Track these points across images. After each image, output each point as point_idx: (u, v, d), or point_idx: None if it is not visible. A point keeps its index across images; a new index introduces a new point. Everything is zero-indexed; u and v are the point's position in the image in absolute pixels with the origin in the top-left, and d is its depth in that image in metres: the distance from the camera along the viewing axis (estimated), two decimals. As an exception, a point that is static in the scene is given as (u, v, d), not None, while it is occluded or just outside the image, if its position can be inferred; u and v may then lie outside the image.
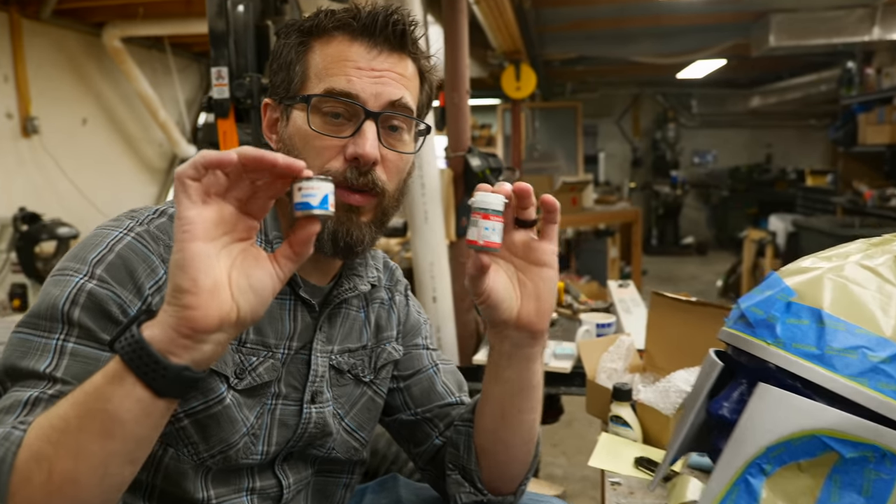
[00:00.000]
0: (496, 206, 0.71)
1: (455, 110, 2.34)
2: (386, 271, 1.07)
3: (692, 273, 8.36)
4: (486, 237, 0.71)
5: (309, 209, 0.59)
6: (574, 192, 6.05)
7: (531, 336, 0.80)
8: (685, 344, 1.43)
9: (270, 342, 0.86)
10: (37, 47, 4.47)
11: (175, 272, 0.55)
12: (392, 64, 0.83)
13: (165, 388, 0.56)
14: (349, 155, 0.81)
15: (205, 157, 0.55)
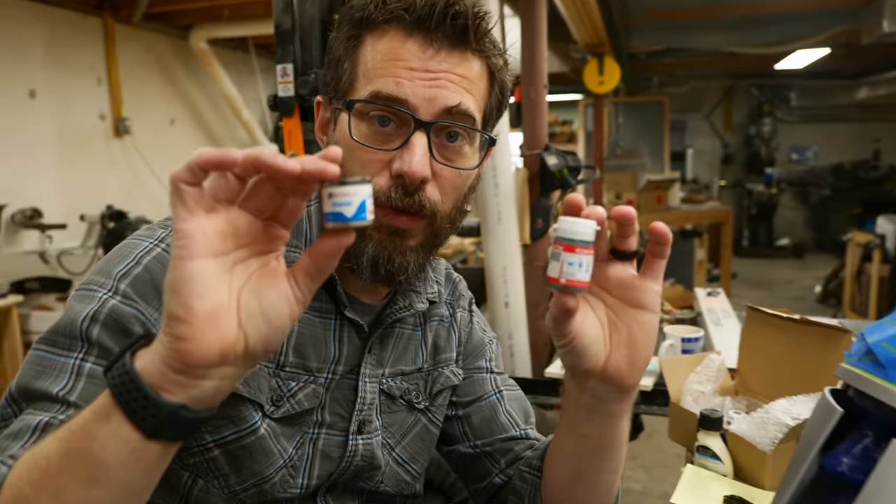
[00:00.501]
0: (585, 237, 0.56)
1: (532, 105, 2.22)
2: (448, 284, 0.97)
3: (787, 277, 7.85)
4: (570, 275, 0.57)
5: (343, 221, 0.48)
6: (659, 190, 5.78)
7: (619, 391, 0.65)
8: (785, 367, 1.26)
9: (312, 366, 0.78)
10: (128, 50, 4.66)
11: (167, 296, 0.47)
12: (452, 64, 0.71)
13: (156, 428, 0.47)
14: (395, 171, 0.71)
15: (201, 156, 0.45)
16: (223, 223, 0.47)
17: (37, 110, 3.99)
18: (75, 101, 4.26)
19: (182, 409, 0.47)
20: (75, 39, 4.27)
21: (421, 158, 0.70)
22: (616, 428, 0.69)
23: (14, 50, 3.83)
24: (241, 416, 0.73)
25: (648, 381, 1.70)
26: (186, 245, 0.46)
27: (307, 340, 0.78)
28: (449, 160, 0.74)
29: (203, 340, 0.46)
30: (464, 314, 0.97)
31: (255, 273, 0.50)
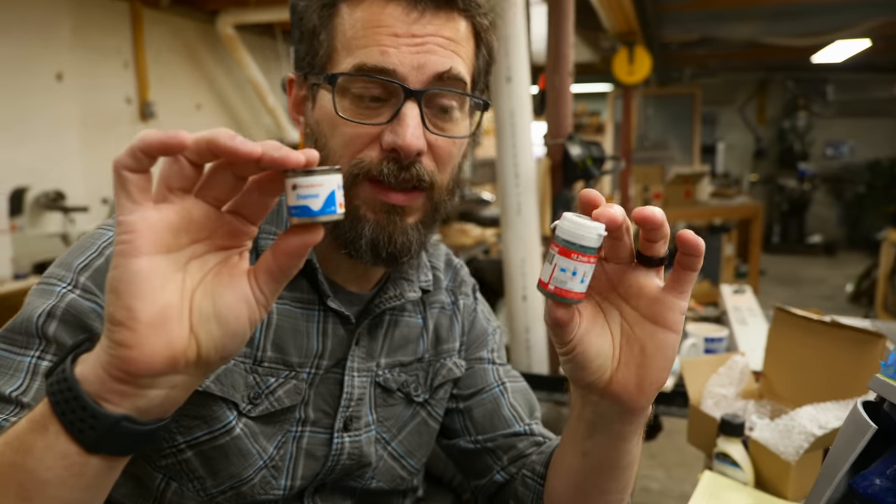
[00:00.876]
0: (585, 242, 0.47)
1: (556, 93, 2.15)
2: (448, 270, 0.92)
3: (818, 275, 7.66)
4: (560, 282, 0.48)
5: (309, 216, 0.43)
6: (688, 184, 5.66)
7: (625, 412, 0.57)
8: (814, 372, 1.20)
9: (293, 360, 0.74)
10: (155, 35, 4.67)
11: (107, 297, 0.41)
12: (438, 26, 0.67)
13: (96, 442, 0.42)
14: (387, 145, 0.66)
15: (144, 139, 0.40)
16: (175, 215, 0.42)
17: (63, 93, 4.02)
18: (102, 84, 4.29)
19: (125, 421, 0.43)
20: (103, 22, 4.29)
21: (415, 130, 0.66)
22: (620, 450, 0.61)
23: (41, 32, 3.86)
24: (214, 415, 0.69)
25: (668, 381, 1.64)
26: (130, 240, 0.41)
27: (287, 333, 0.74)
28: (442, 129, 0.70)
29: (147, 347, 0.41)
30: (467, 301, 0.92)
31: (213, 271, 0.45)
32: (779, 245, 9.18)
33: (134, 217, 0.41)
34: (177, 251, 0.43)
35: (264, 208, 0.46)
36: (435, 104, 0.69)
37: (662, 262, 0.53)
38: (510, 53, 1.96)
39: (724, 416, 1.10)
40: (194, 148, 0.41)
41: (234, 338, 0.45)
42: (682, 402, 1.59)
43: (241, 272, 0.45)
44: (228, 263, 0.46)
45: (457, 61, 0.68)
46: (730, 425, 1.09)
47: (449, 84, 0.68)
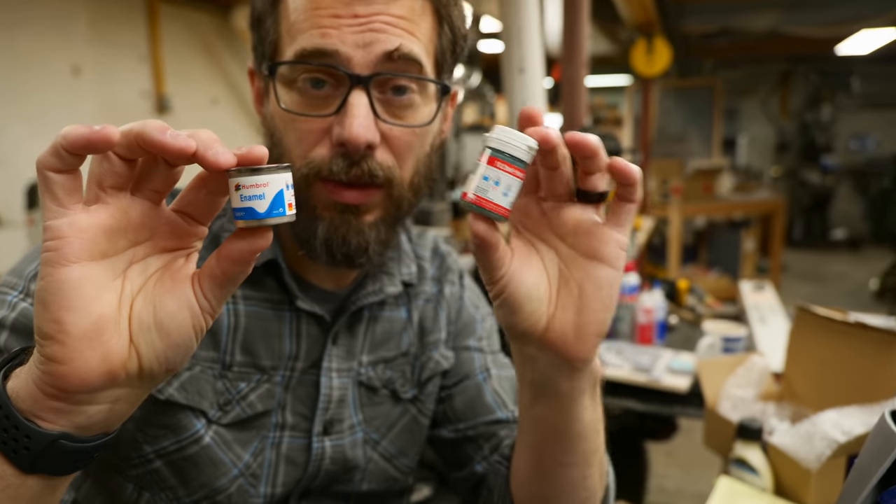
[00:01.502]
0: (513, 151, 0.44)
1: (570, 84, 2.11)
2: (435, 259, 0.87)
3: (841, 271, 7.52)
4: (482, 191, 0.44)
5: (255, 218, 0.39)
6: (707, 178, 5.57)
7: (565, 364, 0.51)
8: (837, 374, 1.15)
9: (264, 364, 0.70)
10: (171, 29, 4.67)
11: (36, 309, 0.38)
12: (384, 4, 0.61)
13: (32, 462, 0.39)
14: (335, 139, 0.62)
15: (67, 136, 0.36)
16: (109, 217, 0.39)
17: (80, 87, 4.04)
18: (118, 78, 4.31)
19: (63, 439, 0.39)
20: (119, 17, 4.30)
21: (362, 121, 0.61)
22: (569, 412, 0.55)
23: (58, 27, 3.88)
24: (180, 424, 0.66)
25: (684, 381, 1.59)
26: (57, 247, 0.37)
27: (257, 336, 0.70)
28: (398, 117, 0.64)
29: (80, 362, 0.38)
30: (453, 289, 0.87)
31: (156, 276, 0.42)
32: (801, 240, 9.03)
33: (61, 222, 0.37)
34: (113, 256, 0.40)
35: (213, 208, 0.42)
36: (388, 89, 0.64)
37: (602, 198, 0.49)
38: (523, 44, 1.91)
39: (742, 420, 1.06)
40: (123, 143, 0.37)
41: (178, 348, 0.41)
42: (698, 403, 1.54)
43: (184, 277, 0.42)
44: (172, 267, 0.42)
45: (409, 40, 0.62)
46: (748, 429, 1.05)
47: (401, 65, 0.62)
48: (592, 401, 0.57)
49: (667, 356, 1.74)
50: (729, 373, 1.27)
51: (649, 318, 1.87)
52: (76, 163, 0.37)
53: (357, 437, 0.76)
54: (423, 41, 0.65)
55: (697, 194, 5.53)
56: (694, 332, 1.95)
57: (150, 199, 0.41)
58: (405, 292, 0.82)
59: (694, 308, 2.14)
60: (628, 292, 1.95)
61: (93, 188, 0.39)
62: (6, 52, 3.59)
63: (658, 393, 1.60)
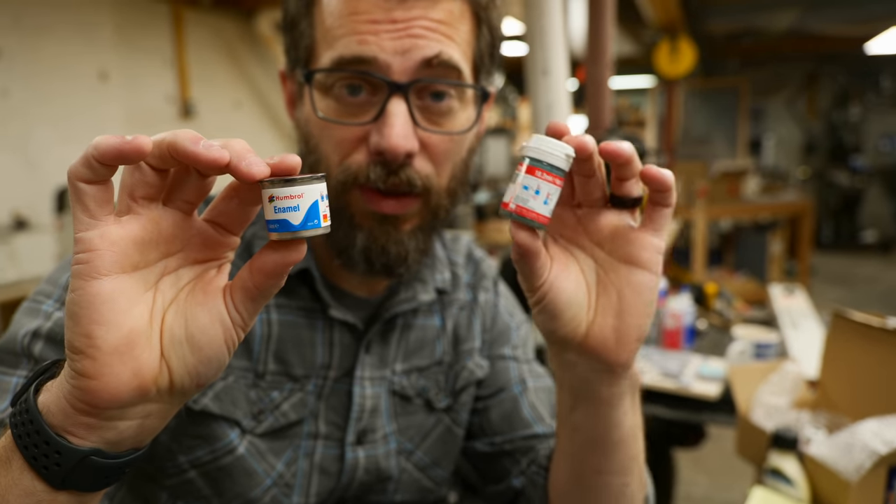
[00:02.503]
0: (551, 160, 0.44)
1: (595, 86, 2.08)
2: (469, 265, 0.86)
3: (871, 274, 7.36)
4: (522, 200, 0.44)
5: (289, 231, 0.38)
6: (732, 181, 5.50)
7: (605, 370, 0.51)
8: (876, 381, 1.11)
9: (297, 373, 0.69)
10: (196, 34, 4.73)
11: (66, 323, 0.37)
12: (424, 9, 0.60)
13: (63, 479, 0.38)
14: (373, 147, 0.61)
15: (99, 147, 0.35)
16: (141, 228, 0.38)
17: (106, 92, 4.10)
18: (144, 83, 4.37)
19: (94, 456, 0.38)
20: (144, 22, 4.37)
21: (401, 130, 0.59)
22: (609, 418, 0.55)
23: (85, 32, 3.94)
24: (215, 434, 0.65)
25: (714, 387, 1.56)
26: (88, 260, 0.36)
27: (289, 345, 0.69)
28: (436, 124, 0.63)
29: (111, 377, 0.36)
30: (488, 296, 0.85)
31: (187, 288, 0.40)
32: (830, 243, 8.87)
33: (92, 234, 0.36)
34: (145, 268, 0.39)
35: (245, 218, 0.41)
36: (426, 96, 0.63)
37: (637, 203, 0.50)
38: (546, 46, 1.89)
39: (778, 429, 1.03)
40: (155, 153, 0.36)
41: (210, 363, 0.40)
42: (728, 410, 1.50)
43: (216, 289, 0.41)
44: (204, 279, 0.41)
45: (448, 45, 0.61)
46: (784, 439, 1.02)
47: (440, 72, 0.61)
48: (632, 406, 0.57)
49: (696, 362, 1.70)
50: (762, 380, 1.24)
51: (677, 322, 1.83)
52: (108, 173, 0.36)
53: (391, 447, 0.74)
54: (462, 45, 0.63)
55: (723, 196, 5.46)
56: (723, 338, 1.92)
57: (181, 210, 0.40)
58: (439, 300, 0.80)
59: (722, 312, 2.10)
60: (655, 296, 1.91)
61: (124, 199, 0.38)
62: (33, 57, 3.65)
63: (687, 399, 1.57)
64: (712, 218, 5.38)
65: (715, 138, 6.74)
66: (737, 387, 1.22)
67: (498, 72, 0.72)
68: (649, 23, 4.91)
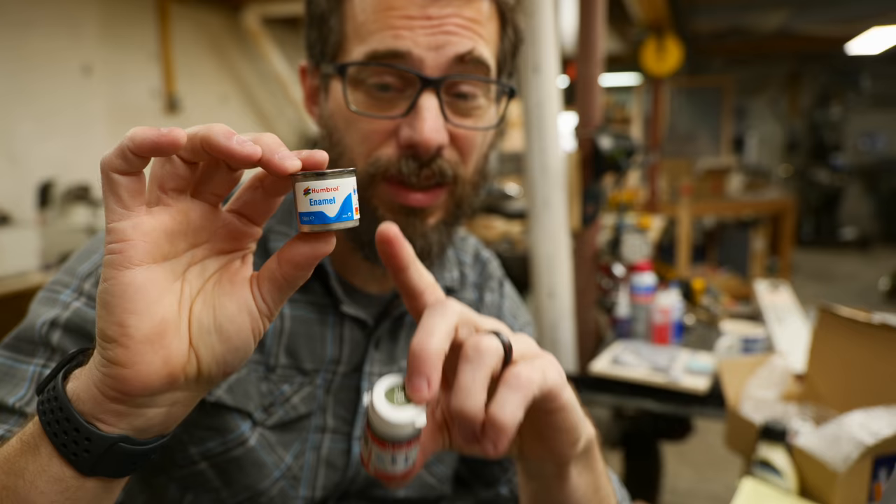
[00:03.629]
0: (401, 435, 0.41)
1: (586, 84, 2.10)
2: (476, 265, 0.87)
3: (851, 271, 7.48)
4: (380, 468, 0.42)
5: (325, 223, 0.38)
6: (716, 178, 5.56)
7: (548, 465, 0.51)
8: (861, 375, 1.14)
9: (307, 367, 0.70)
10: (182, 28, 4.68)
11: (99, 312, 0.38)
12: (457, 7, 0.61)
13: (92, 465, 0.39)
14: (404, 141, 0.62)
15: (135, 139, 0.35)
16: (171, 219, 0.38)
17: (91, 86, 4.05)
18: (128, 77, 4.32)
19: (123, 442, 0.39)
20: (130, 16, 4.31)
21: (433, 123, 0.61)
22: (560, 490, 0.53)
23: (69, 25, 3.89)
24: (227, 426, 0.66)
25: (702, 381, 1.58)
26: (121, 250, 0.37)
27: (300, 339, 0.70)
28: (465, 119, 0.65)
29: (143, 365, 0.37)
30: (493, 297, 0.87)
31: (214, 278, 0.41)
32: (811, 240, 8.99)
33: (125, 224, 0.37)
34: (174, 258, 0.39)
35: (269, 208, 0.42)
36: (456, 91, 0.64)
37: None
38: (537, 43, 1.90)
39: (767, 422, 1.05)
40: (188, 146, 0.37)
41: (237, 352, 0.41)
42: (716, 404, 1.53)
43: (243, 279, 0.42)
44: (230, 269, 0.42)
45: (479, 43, 0.63)
46: (773, 431, 1.04)
47: (470, 68, 0.63)
48: (586, 468, 0.55)
49: (684, 356, 1.73)
50: (750, 373, 1.26)
51: (666, 318, 1.86)
52: (141, 165, 0.37)
53: None
54: (490, 44, 0.65)
55: (707, 193, 5.52)
56: (710, 333, 1.95)
57: (209, 202, 0.41)
58: None
59: (709, 308, 2.13)
60: (644, 292, 1.94)
61: (154, 190, 0.38)
62: (16, 52, 3.60)
63: (676, 393, 1.59)
64: (696, 215, 5.44)
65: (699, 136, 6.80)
66: (726, 380, 1.25)
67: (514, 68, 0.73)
68: (636, 21, 4.94)
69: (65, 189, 3.62)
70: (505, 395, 0.40)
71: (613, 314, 2.04)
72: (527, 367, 0.42)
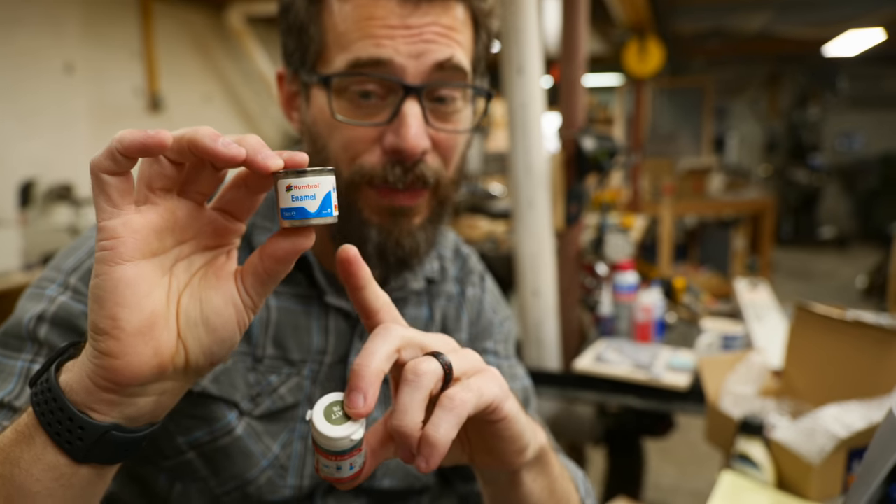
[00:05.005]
0: (341, 447, 0.43)
1: (569, 85, 2.12)
2: (457, 259, 0.89)
3: (829, 269, 7.60)
4: (329, 474, 0.44)
5: (305, 218, 0.41)
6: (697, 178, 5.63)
7: (501, 472, 0.54)
8: (836, 370, 1.17)
9: (294, 357, 0.72)
10: (165, 27, 4.66)
11: (91, 305, 0.39)
12: (435, 16, 0.63)
13: (85, 453, 0.41)
14: (389, 147, 0.64)
15: (123, 140, 0.37)
16: (158, 217, 0.40)
17: (73, 85, 4.02)
18: (111, 76, 4.29)
19: (114, 430, 0.41)
20: (112, 14, 4.28)
21: (418, 130, 0.63)
22: (515, 493, 0.56)
23: (51, 24, 3.85)
24: (214, 415, 0.67)
25: (683, 378, 1.62)
26: (112, 247, 0.38)
27: (287, 330, 0.72)
28: (445, 123, 0.67)
29: (134, 356, 0.39)
30: (475, 291, 0.88)
31: (200, 273, 0.43)
32: (790, 239, 9.12)
33: (115, 222, 0.39)
34: (162, 254, 0.41)
35: (252, 205, 0.44)
36: (436, 96, 0.66)
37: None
38: (522, 45, 1.92)
39: (745, 416, 1.08)
40: (175, 148, 0.38)
41: (223, 343, 0.43)
42: (696, 400, 1.57)
43: (227, 273, 0.44)
44: (215, 264, 0.44)
45: (457, 50, 0.65)
46: (751, 425, 1.07)
47: (449, 74, 0.65)
48: (540, 472, 0.58)
49: (666, 354, 1.76)
50: (729, 370, 1.29)
51: (648, 316, 1.89)
52: (130, 165, 0.39)
53: None
54: (466, 49, 0.67)
55: (688, 193, 5.59)
56: (691, 330, 1.98)
57: (195, 200, 0.42)
58: (427, 290, 0.83)
59: (690, 306, 2.17)
60: (626, 291, 1.97)
61: (142, 189, 0.40)
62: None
63: (657, 390, 1.62)
64: (678, 214, 5.51)
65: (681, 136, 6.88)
66: (706, 377, 1.28)
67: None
68: (618, 22, 4.99)
69: (46, 188, 3.59)
70: (439, 416, 0.43)
71: (597, 312, 2.07)
72: (461, 388, 0.45)
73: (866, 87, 9.03)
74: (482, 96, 0.72)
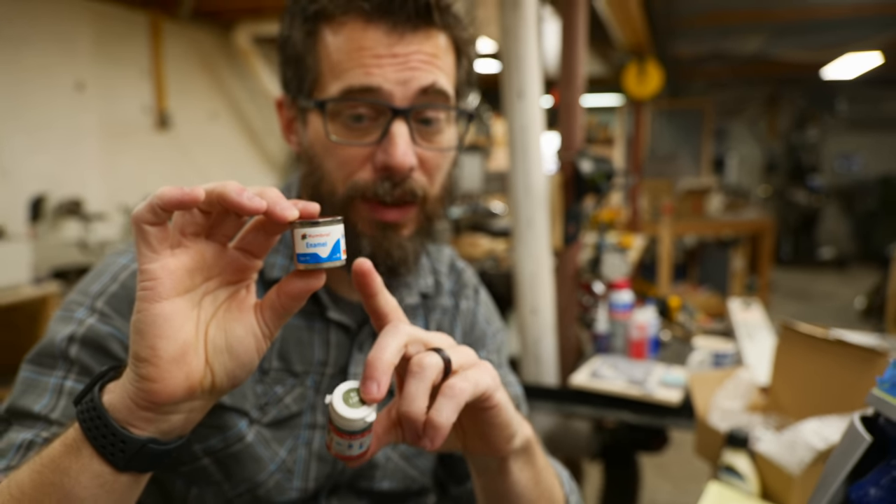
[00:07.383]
0: (355, 428, 0.49)
1: (567, 108, 2.19)
2: (452, 274, 0.95)
3: (828, 290, 7.63)
4: (340, 451, 0.50)
5: (318, 262, 0.47)
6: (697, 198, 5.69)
7: (491, 459, 0.61)
8: (819, 386, 1.22)
9: (297, 369, 0.78)
10: (174, 46, 4.75)
11: (132, 336, 0.46)
12: (418, 44, 0.70)
13: (126, 463, 0.47)
14: (379, 164, 0.71)
15: (162, 197, 0.43)
16: (189, 259, 0.47)
17: (83, 102, 4.10)
18: (120, 94, 4.37)
19: (151, 443, 0.47)
20: (122, 33, 4.37)
21: (405, 148, 0.69)
22: (504, 481, 0.63)
23: (63, 42, 3.94)
24: (227, 424, 0.73)
25: (675, 394, 1.67)
26: (152, 287, 0.45)
27: (291, 345, 0.78)
28: (430, 142, 0.73)
29: (170, 380, 0.46)
30: (468, 304, 0.94)
31: (224, 305, 0.50)
32: (789, 259, 9.16)
33: (155, 266, 0.45)
34: (193, 290, 0.47)
35: (268, 245, 0.50)
36: (421, 117, 0.73)
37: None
38: (522, 71, 2.00)
39: (731, 429, 1.13)
40: (206, 201, 0.45)
41: (244, 367, 0.49)
42: (688, 415, 1.61)
43: (248, 306, 0.50)
44: (237, 297, 0.50)
45: (439, 75, 0.72)
46: (736, 438, 1.12)
47: (433, 98, 0.72)
48: (527, 463, 0.64)
49: (659, 370, 1.81)
50: (718, 386, 1.34)
51: (642, 333, 1.94)
52: (167, 217, 0.45)
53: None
54: (448, 74, 0.74)
55: (688, 213, 5.65)
56: (684, 348, 2.03)
57: (220, 242, 0.49)
58: (423, 304, 0.89)
59: (685, 325, 2.22)
60: (622, 309, 2.02)
61: (176, 235, 0.46)
62: (10, 67, 3.65)
63: (651, 405, 1.67)
64: (677, 234, 5.56)
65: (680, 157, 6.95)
66: (696, 392, 1.33)
67: (472, 93, 0.82)
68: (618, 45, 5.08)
69: (56, 203, 3.65)
70: (441, 403, 0.50)
71: (593, 330, 2.12)
72: (460, 379, 0.51)
73: (865, 109, 9.12)
74: (464, 118, 0.79)
